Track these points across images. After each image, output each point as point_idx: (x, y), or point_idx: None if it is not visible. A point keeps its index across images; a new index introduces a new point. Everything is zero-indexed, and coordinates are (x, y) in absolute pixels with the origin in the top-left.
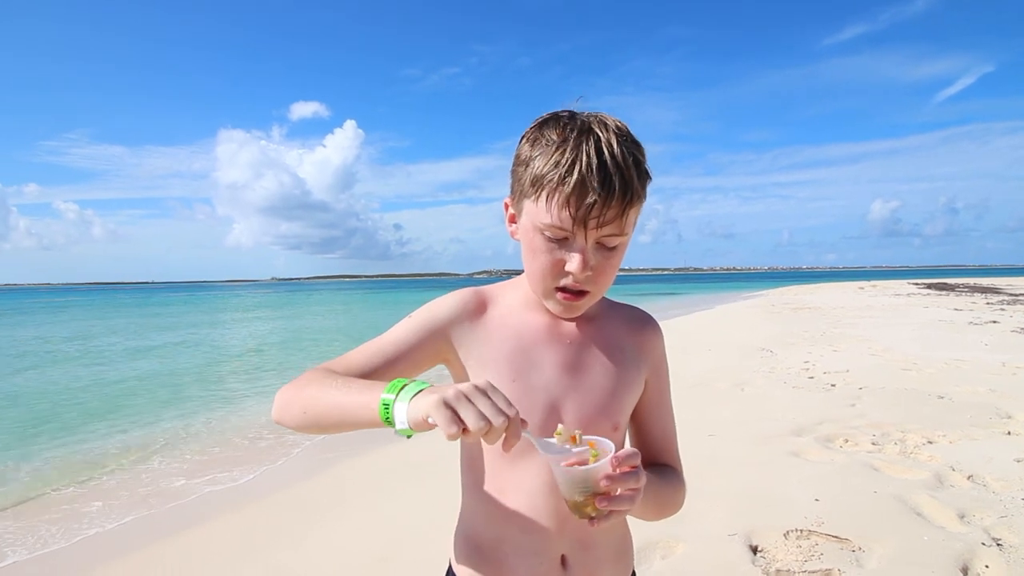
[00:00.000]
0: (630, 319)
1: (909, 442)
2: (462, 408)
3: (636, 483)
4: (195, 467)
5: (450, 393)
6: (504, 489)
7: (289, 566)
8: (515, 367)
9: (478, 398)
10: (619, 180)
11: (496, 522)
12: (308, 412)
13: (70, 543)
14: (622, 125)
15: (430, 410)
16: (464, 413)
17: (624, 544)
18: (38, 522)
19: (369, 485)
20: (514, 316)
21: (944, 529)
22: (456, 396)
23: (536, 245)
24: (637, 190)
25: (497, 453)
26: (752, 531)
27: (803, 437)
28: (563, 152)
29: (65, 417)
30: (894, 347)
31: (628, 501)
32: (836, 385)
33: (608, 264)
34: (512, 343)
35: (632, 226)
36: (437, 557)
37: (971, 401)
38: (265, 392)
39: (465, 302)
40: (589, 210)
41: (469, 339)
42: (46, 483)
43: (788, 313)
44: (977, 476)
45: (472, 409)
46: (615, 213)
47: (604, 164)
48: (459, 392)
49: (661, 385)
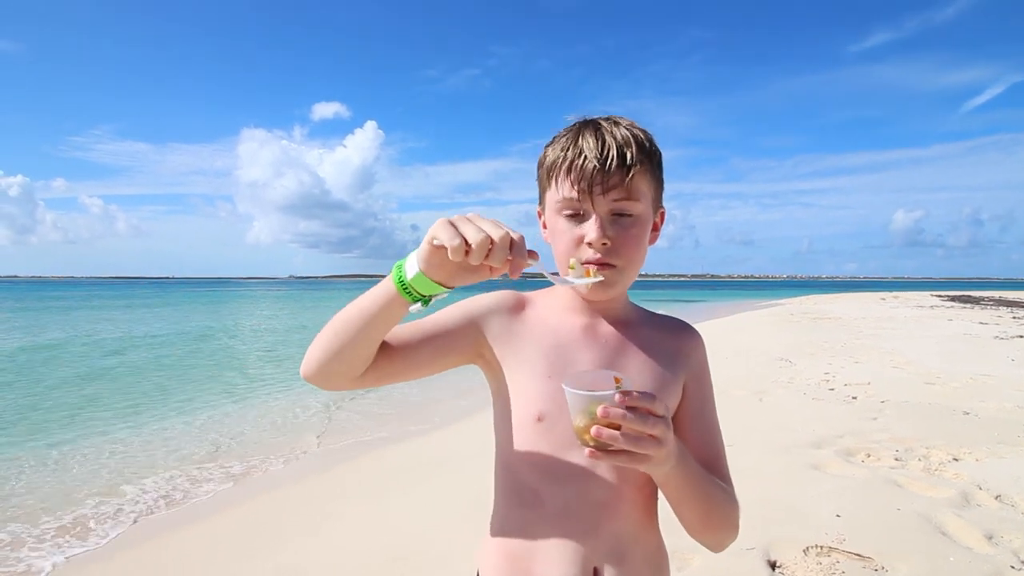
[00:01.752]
0: (668, 325)
1: (933, 458)
2: (462, 225)
3: (648, 427)
4: (200, 462)
5: (453, 216)
6: (539, 498)
7: (298, 564)
8: (551, 364)
9: (481, 220)
10: (617, 148)
11: (530, 532)
12: (333, 331)
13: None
14: (631, 121)
15: (433, 231)
16: (464, 228)
17: (659, 558)
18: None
19: (377, 483)
20: (553, 316)
21: (971, 550)
22: (459, 217)
23: (558, 227)
24: (639, 156)
25: (533, 463)
26: (771, 545)
27: (823, 450)
28: (569, 138)
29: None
30: (917, 360)
31: (633, 442)
32: (857, 397)
33: (628, 236)
34: (549, 340)
35: (647, 197)
36: (450, 556)
37: (998, 418)
38: (283, 385)
39: (505, 299)
40: (592, 176)
41: (506, 334)
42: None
43: (808, 323)
44: (1005, 496)
45: (471, 225)
46: (618, 178)
47: (603, 138)
48: (462, 215)
49: (703, 393)
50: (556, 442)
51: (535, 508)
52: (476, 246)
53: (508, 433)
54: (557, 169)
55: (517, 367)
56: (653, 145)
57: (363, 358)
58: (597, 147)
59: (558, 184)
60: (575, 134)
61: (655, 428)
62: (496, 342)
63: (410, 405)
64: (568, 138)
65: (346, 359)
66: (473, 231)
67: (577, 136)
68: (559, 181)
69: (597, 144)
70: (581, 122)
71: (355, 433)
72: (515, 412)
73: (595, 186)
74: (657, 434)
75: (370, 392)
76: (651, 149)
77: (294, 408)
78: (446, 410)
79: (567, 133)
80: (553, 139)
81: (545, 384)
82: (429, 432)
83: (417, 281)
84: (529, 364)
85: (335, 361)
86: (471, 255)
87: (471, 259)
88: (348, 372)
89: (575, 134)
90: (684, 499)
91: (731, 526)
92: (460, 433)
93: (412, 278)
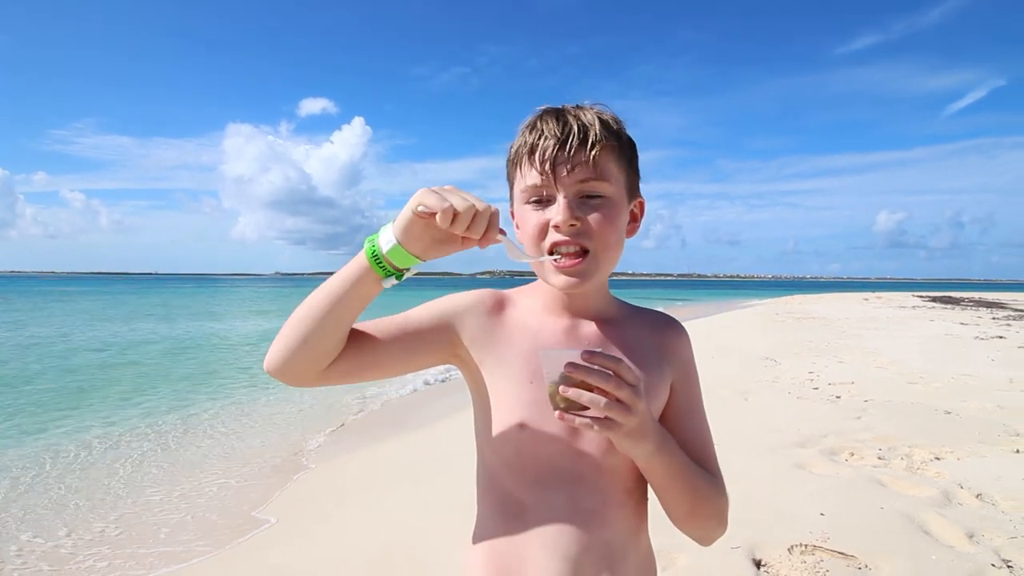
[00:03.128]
0: (652, 322)
1: (916, 457)
2: (447, 193)
3: (615, 390)
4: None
5: (434, 187)
6: (526, 508)
7: (291, 565)
8: (532, 368)
9: (461, 191)
10: (579, 127)
11: (517, 542)
12: (298, 317)
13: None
14: (601, 107)
15: (419, 198)
16: (450, 197)
17: (649, 564)
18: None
19: (373, 481)
20: (533, 318)
21: (953, 549)
22: (439, 188)
23: (525, 215)
24: (603, 133)
25: (519, 471)
26: (756, 545)
27: (808, 449)
28: (532, 124)
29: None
30: (900, 360)
31: (600, 404)
32: (841, 397)
33: (600, 217)
34: (529, 344)
35: (618, 180)
36: (439, 554)
37: (979, 417)
38: (264, 386)
39: (483, 298)
40: (554, 155)
41: (484, 336)
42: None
43: (792, 322)
44: (986, 495)
45: (456, 195)
46: (581, 156)
47: (565, 119)
48: (441, 187)
49: (691, 390)
50: (542, 450)
51: (521, 518)
52: (463, 212)
53: (490, 440)
54: (520, 157)
55: (498, 371)
56: (621, 128)
57: (331, 346)
58: (558, 128)
59: (522, 171)
60: (537, 119)
61: (621, 391)
62: (473, 344)
63: (407, 403)
64: (530, 124)
65: (312, 347)
66: (459, 199)
67: (538, 121)
68: (523, 168)
69: (558, 125)
70: (544, 109)
71: (342, 433)
72: (497, 419)
73: (558, 166)
74: (623, 398)
75: (368, 393)
76: (618, 131)
77: (286, 408)
78: (444, 406)
79: (529, 121)
80: (518, 130)
81: (527, 390)
82: (416, 430)
83: (393, 254)
84: (510, 368)
85: (301, 349)
86: (457, 221)
87: (456, 226)
88: (314, 362)
89: (537, 119)
90: (670, 487)
91: (719, 518)
92: (451, 429)
93: (388, 251)
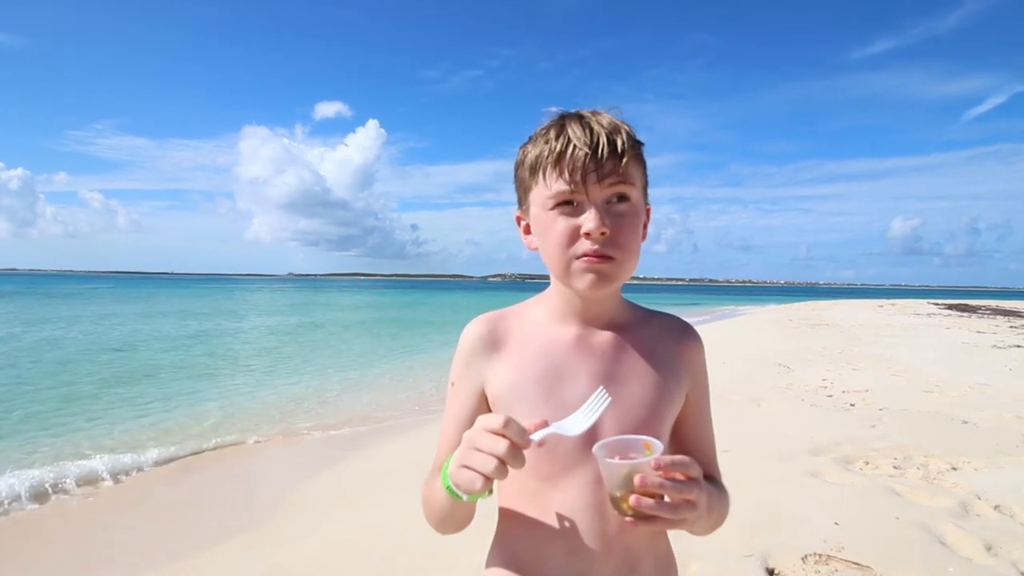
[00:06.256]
0: (668, 328)
1: (932, 467)
2: (471, 458)
3: (685, 493)
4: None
5: (462, 447)
6: (547, 509)
7: (293, 565)
8: (546, 386)
9: (482, 437)
10: (607, 135)
11: (538, 544)
12: (430, 512)
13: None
14: (614, 113)
15: (453, 479)
16: (474, 463)
17: (669, 565)
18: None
19: (375, 481)
20: (540, 332)
21: (971, 561)
22: (462, 455)
23: (549, 222)
24: (628, 142)
25: (540, 472)
26: (769, 553)
27: (821, 457)
28: (552, 131)
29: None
30: (915, 368)
31: (671, 509)
32: (855, 405)
33: (625, 225)
34: (541, 362)
35: (639, 186)
36: (440, 554)
37: (996, 427)
38: (271, 385)
39: (479, 338)
40: (585, 163)
41: (490, 371)
42: None
43: (805, 329)
44: (1004, 506)
45: (479, 455)
46: (612, 164)
47: (590, 127)
48: (462, 450)
49: (702, 397)
50: (559, 461)
51: (544, 521)
52: (495, 475)
53: None
54: (544, 163)
55: (510, 395)
56: (637, 136)
57: (465, 523)
58: (586, 136)
59: (547, 179)
60: (559, 126)
61: (691, 493)
62: (489, 384)
63: (405, 401)
64: (552, 131)
65: (453, 527)
66: (481, 461)
67: (562, 127)
68: (547, 175)
69: (585, 133)
70: (562, 114)
71: (343, 434)
72: None
73: (589, 174)
74: (693, 499)
75: (366, 390)
76: (636, 139)
77: (287, 404)
78: (440, 403)
79: (550, 127)
80: (532, 136)
81: (543, 408)
82: (426, 428)
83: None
84: (522, 390)
85: (448, 529)
86: (499, 471)
87: (500, 474)
88: (464, 525)
89: (559, 126)
90: (698, 521)
91: (723, 522)
92: None
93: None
